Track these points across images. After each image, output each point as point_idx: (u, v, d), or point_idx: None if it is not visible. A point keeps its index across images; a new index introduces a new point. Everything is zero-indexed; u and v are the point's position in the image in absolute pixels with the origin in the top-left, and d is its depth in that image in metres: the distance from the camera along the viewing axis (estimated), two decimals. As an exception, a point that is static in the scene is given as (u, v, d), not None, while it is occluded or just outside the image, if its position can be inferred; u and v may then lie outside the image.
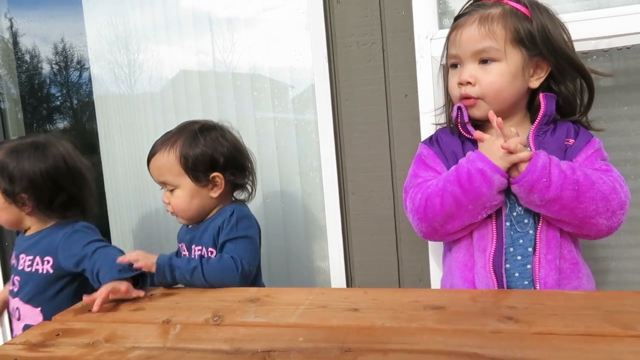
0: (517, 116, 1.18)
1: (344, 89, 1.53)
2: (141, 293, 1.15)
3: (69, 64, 2.07)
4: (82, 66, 2.05)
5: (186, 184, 1.34)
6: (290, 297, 1.03)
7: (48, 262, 1.36)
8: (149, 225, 1.88)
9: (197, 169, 1.34)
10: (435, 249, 1.49)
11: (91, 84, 1.94)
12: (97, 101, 1.93)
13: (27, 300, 1.37)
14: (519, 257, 1.11)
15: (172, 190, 1.35)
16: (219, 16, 1.75)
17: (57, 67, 2.08)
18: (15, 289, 1.38)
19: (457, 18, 1.18)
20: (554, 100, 1.14)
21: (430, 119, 1.42)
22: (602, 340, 0.75)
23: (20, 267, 1.39)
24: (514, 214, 1.12)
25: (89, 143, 2.03)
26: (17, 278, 1.39)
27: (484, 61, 1.12)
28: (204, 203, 1.36)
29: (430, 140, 1.25)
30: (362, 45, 1.49)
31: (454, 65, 1.18)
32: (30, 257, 1.38)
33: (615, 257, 1.46)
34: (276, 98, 1.73)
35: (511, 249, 1.11)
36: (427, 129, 1.43)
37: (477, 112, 1.15)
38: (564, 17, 1.15)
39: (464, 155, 1.15)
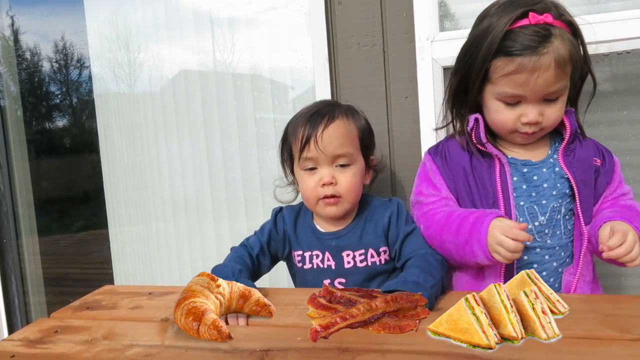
0: None
1: (345, 90, 1.53)
2: None
3: (69, 62, 2.07)
4: (82, 64, 2.04)
5: (360, 162, 1.16)
6: (289, 298, 1.03)
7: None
8: (147, 223, 1.88)
9: (368, 148, 1.18)
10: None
11: (91, 83, 1.94)
12: (97, 100, 1.93)
13: None
14: (544, 273, 1.10)
15: (343, 167, 1.14)
16: (220, 16, 1.75)
17: (57, 65, 2.08)
18: None
19: (516, 50, 1.01)
20: (574, 114, 1.13)
21: (430, 122, 1.42)
22: (600, 344, 0.75)
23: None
24: (536, 223, 1.10)
25: (88, 141, 2.04)
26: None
27: (551, 99, 1.06)
28: (361, 191, 1.16)
29: (436, 152, 1.20)
30: (362, 46, 1.50)
31: (511, 102, 1.08)
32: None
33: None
34: (276, 98, 1.73)
35: (525, 257, 1.10)
36: (427, 131, 1.43)
37: (531, 139, 1.12)
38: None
39: (472, 169, 1.13)
